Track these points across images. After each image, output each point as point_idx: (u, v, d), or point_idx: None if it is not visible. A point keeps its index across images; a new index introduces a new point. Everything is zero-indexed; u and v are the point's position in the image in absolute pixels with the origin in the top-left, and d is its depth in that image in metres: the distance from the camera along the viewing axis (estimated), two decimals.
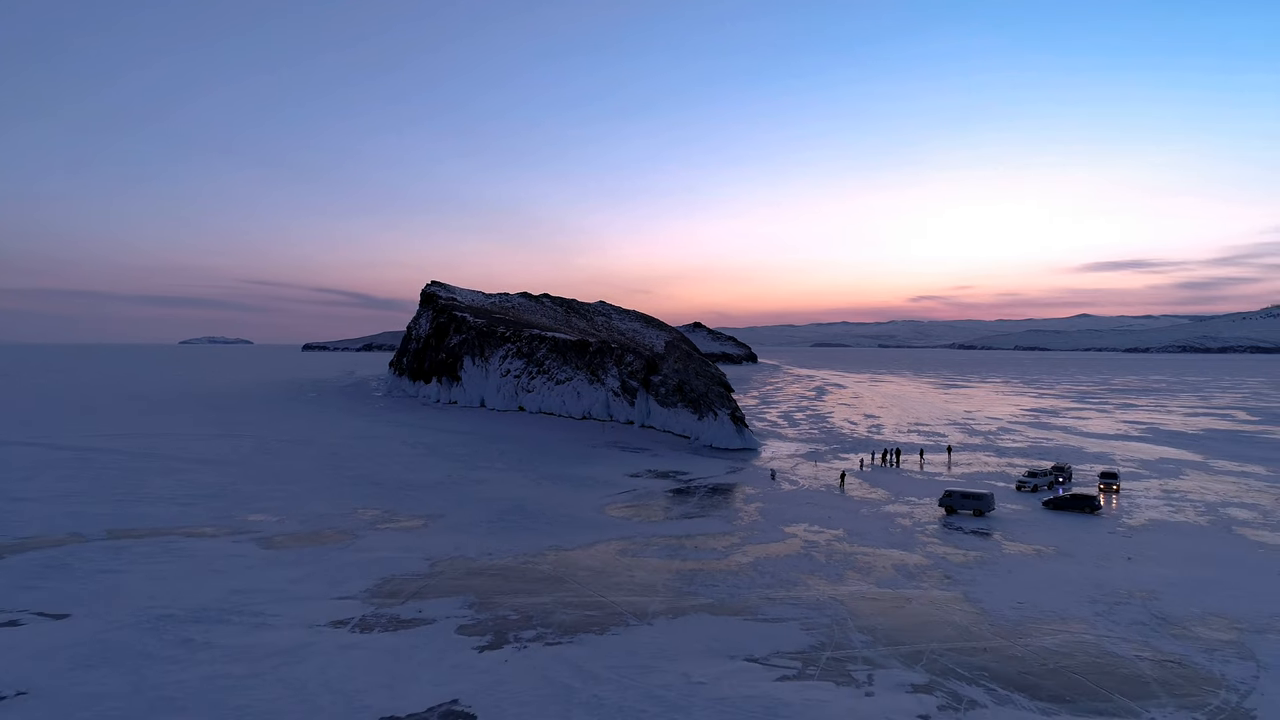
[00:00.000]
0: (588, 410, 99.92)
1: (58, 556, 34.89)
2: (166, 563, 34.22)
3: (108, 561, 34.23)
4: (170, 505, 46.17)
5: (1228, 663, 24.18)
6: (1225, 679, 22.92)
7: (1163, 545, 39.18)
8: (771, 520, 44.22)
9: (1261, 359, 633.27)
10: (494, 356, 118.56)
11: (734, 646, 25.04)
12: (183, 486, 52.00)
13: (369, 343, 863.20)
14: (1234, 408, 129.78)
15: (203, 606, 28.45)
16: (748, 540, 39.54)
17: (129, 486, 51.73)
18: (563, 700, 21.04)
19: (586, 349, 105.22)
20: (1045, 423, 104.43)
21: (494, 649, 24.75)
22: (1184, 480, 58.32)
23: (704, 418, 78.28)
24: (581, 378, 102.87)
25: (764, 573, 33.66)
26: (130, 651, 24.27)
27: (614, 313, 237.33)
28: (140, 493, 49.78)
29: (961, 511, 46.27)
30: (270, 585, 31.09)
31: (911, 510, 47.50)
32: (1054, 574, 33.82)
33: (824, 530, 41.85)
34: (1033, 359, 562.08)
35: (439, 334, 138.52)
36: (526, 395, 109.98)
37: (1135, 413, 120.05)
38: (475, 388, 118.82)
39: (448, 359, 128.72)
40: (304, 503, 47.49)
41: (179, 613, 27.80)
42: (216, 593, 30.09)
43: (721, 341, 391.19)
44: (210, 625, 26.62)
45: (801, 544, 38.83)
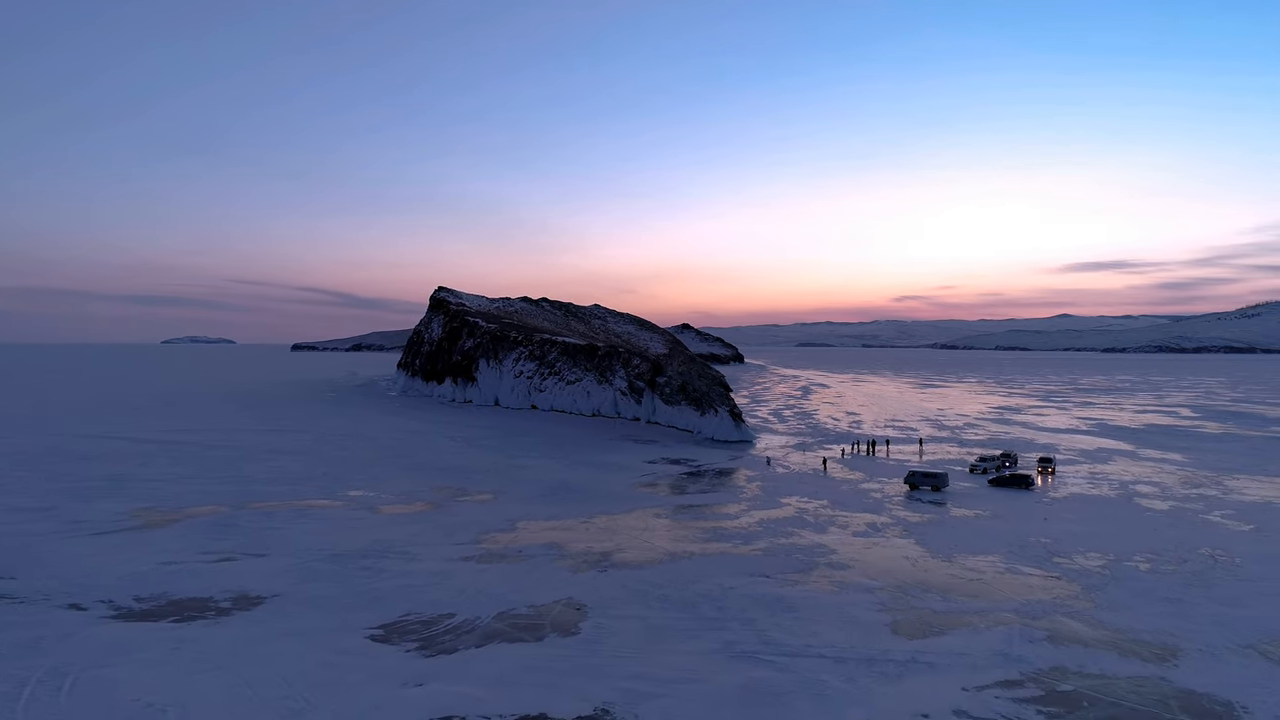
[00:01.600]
0: (597, 408, 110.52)
1: (223, 520, 45.15)
2: (310, 523, 44.60)
3: (264, 523, 44.54)
4: (280, 484, 56.37)
5: (1090, 576, 35.24)
6: (1086, 586, 33.95)
7: (1074, 510, 50.40)
8: (769, 494, 55.10)
9: (1232, 359, 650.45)
10: (507, 359, 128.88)
11: (751, 569, 35.86)
12: (278, 471, 62.13)
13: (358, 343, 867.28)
14: (1182, 405, 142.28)
15: (360, 550, 38.90)
16: (752, 508, 50.38)
17: (232, 471, 61.80)
18: (643, 597, 31.75)
19: (595, 353, 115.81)
20: (1008, 419, 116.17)
21: (583, 572, 35.42)
22: (1109, 465, 69.82)
23: (705, 414, 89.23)
24: (591, 379, 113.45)
25: (767, 528, 44.52)
26: (328, 573, 34.71)
27: (609, 316, 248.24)
28: (244, 476, 59.87)
29: (922, 487, 57.32)
30: (399, 537, 41.57)
31: (882, 487, 58.53)
32: (985, 528, 44.92)
33: (812, 501, 52.78)
34: (1011, 359, 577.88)
35: (451, 338, 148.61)
36: (539, 394, 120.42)
37: (1091, 410, 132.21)
38: (490, 388, 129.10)
39: (462, 361, 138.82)
40: (387, 483, 57.85)
41: (345, 553, 38.23)
42: (363, 541, 40.54)
43: (709, 342, 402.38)
44: (374, 559, 37.10)
45: (795, 510, 49.74)
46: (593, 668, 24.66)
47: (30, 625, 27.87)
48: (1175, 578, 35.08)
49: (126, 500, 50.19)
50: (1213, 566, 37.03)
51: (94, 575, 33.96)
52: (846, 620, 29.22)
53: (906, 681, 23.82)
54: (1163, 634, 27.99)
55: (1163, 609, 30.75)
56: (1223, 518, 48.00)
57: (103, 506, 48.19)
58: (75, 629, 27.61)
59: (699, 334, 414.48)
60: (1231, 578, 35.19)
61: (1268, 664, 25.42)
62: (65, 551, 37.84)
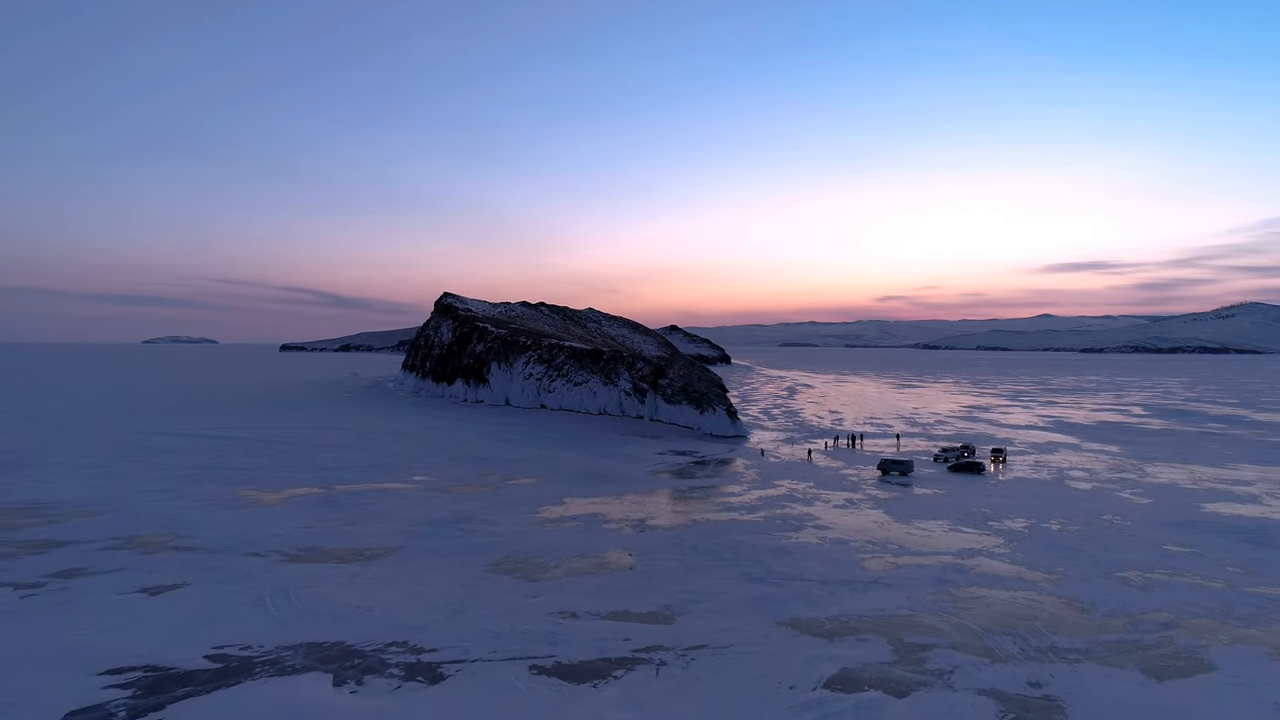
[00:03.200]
0: (603, 407, 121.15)
1: (323, 499, 55.39)
2: (396, 500, 54.95)
3: (359, 500, 54.83)
4: (350, 472, 66.59)
5: (1012, 534, 46.32)
6: (1008, 540, 45.03)
7: (1014, 489, 61.68)
8: (765, 478, 66.03)
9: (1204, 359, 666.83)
10: (517, 362, 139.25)
11: (756, 529, 46.73)
12: (342, 461, 72.28)
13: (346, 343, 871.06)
14: (1136, 405, 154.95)
15: (447, 518, 49.35)
16: (751, 488, 61.26)
17: (303, 461, 71.89)
18: (676, 548, 42.48)
19: (601, 357, 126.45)
20: (975, 417, 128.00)
21: (627, 533, 46.12)
22: (1053, 455, 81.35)
23: (704, 412, 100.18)
24: (597, 380, 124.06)
25: (765, 503, 55.40)
26: (432, 533, 45.15)
27: (604, 319, 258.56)
28: (316, 465, 69.98)
29: (892, 473, 68.43)
30: (473, 509, 52.03)
31: (859, 473, 69.59)
32: (940, 502, 56.06)
33: (800, 483, 63.73)
34: (989, 359, 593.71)
35: (461, 342, 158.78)
36: (548, 395, 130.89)
37: (1052, 409, 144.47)
38: (501, 389, 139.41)
39: (474, 364, 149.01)
40: (441, 470, 68.21)
41: (437, 520, 48.65)
42: (447, 512, 50.98)
43: (697, 344, 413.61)
44: (462, 524, 47.58)
45: (786, 490, 60.68)
46: (651, 587, 35.37)
47: (234, 566, 38.19)
48: (1076, 535, 46.34)
49: (229, 484, 60.24)
50: (1107, 527, 48.34)
51: (251, 536, 44.23)
52: (828, 560, 40.18)
53: (870, 594, 34.72)
54: (1054, 568, 39.11)
55: (1059, 554, 41.93)
56: (1130, 495, 59.48)
57: (213, 489, 58.26)
58: (269, 568, 37.97)
59: (686, 335, 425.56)
60: (1118, 535, 46.49)
61: (1120, 584, 36.56)
62: (214, 520, 48.03)
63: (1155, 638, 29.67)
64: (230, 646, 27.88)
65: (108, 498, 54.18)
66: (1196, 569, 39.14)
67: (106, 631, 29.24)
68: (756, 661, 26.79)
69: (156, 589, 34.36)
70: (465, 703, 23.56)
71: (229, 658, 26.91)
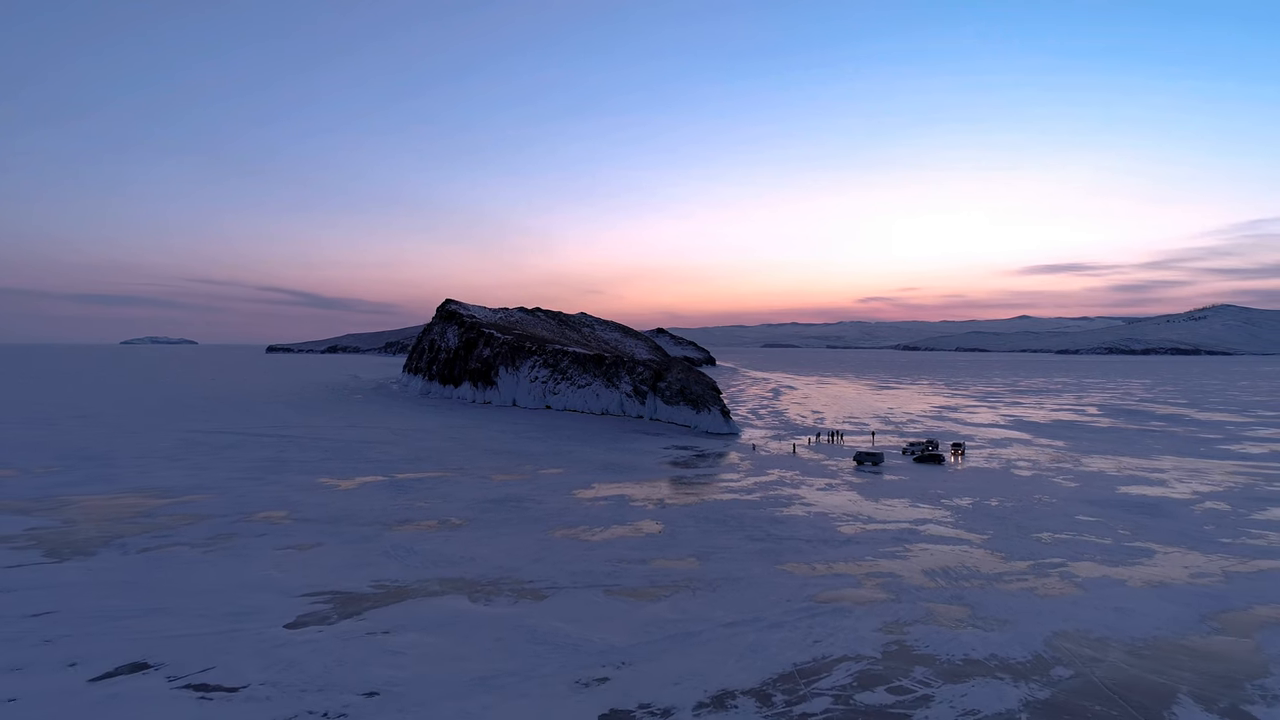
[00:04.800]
0: (605, 408, 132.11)
1: (390, 485, 65.94)
2: (451, 485, 65.63)
3: (421, 486, 65.43)
4: (401, 463, 77.07)
5: (959, 509, 57.92)
6: (954, 513, 56.55)
7: (967, 477, 73.39)
8: (758, 468, 77.35)
9: (1174, 360, 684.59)
10: (523, 366, 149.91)
11: (754, 506, 57.98)
12: (390, 454, 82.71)
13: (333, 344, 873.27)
14: (1093, 405, 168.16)
15: (501, 499, 60.14)
16: (747, 476, 72.54)
17: (357, 455, 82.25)
18: (693, 518, 53.63)
19: (603, 361, 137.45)
20: (944, 416, 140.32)
21: (651, 509, 57.20)
22: (1006, 449, 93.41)
23: (701, 411, 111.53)
24: (600, 383, 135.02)
25: (760, 486, 66.68)
26: (493, 509, 55.97)
27: (596, 324, 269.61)
28: (369, 458, 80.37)
29: (866, 463, 79.97)
30: (519, 493, 62.84)
31: (838, 464, 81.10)
32: (904, 486, 67.62)
33: (788, 472, 75.09)
34: (965, 361, 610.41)
35: (468, 347, 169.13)
36: (553, 396, 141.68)
37: (1015, 409, 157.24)
38: (509, 390, 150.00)
39: (481, 367, 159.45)
40: (479, 461, 78.86)
41: (494, 500, 59.46)
42: (500, 495, 61.78)
43: (683, 346, 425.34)
44: (515, 504, 58.38)
45: (777, 477, 72.04)
46: (678, 544, 46.48)
47: (352, 532, 48.85)
48: (1009, 509, 58.03)
49: (305, 474, 70.59)
50: (1035, 504, 60.09)
51: (350, 511, 54.82)
52: (812, 526, 51.55)
53: (844, 548, 46.03)
54: (985, 531, 50.67)
55: (992, 522, 53.55)
56: (1062, 480, 71.39)
57: (293, 478, 68.62)
58: (379, 533, 48.65)
59: (673, 338, 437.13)
60: (1042, 509, 58.23)
61: (1033, 541, 48.06)
62: (312, 500, 58.54)
63: (1047, 573, 41.24)
64: (383, 580, 38.69)
65: (209, 484, 64.48)
66: (1094, 532, 50.88)
67: (284, 572, 39.93)
68: (762, 587, 38.02)
69: (301, 546, 45.04)
70: (566, 609, 34.54)
71: (386, 586, 37.73)
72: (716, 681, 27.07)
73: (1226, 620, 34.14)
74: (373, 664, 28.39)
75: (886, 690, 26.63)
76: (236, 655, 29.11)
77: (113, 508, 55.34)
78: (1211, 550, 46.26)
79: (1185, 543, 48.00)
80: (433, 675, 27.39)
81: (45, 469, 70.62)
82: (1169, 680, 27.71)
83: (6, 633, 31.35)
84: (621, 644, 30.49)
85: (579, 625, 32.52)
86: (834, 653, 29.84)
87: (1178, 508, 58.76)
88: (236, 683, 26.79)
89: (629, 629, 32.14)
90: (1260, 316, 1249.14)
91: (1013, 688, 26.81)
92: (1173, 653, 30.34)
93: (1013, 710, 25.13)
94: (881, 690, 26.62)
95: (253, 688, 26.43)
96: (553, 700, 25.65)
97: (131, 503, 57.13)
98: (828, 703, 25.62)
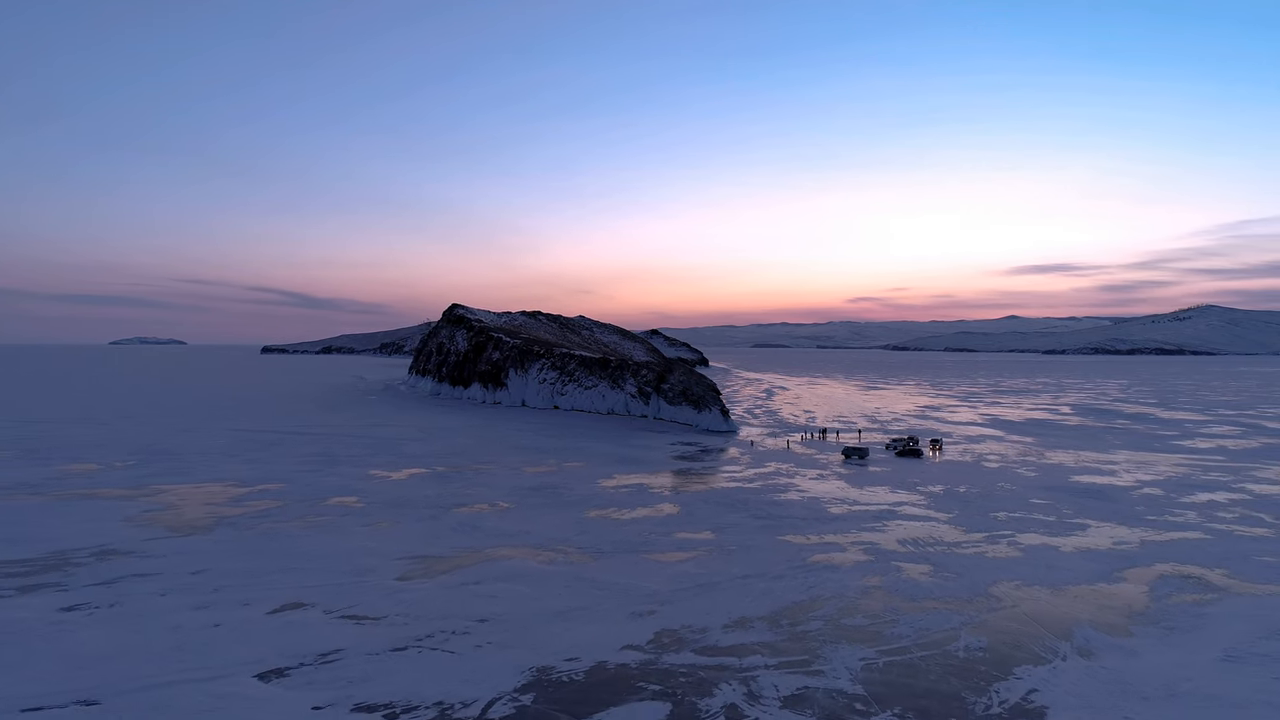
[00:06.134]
0: (611, 408, 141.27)
1: (437, 475, 74.85)
2: (490, 475, 74.57)
3: (463, 476, 74.33)
4: (438, 458, 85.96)
5: (933, 495, 67.36)
6: (928, 498, 66.00)
7: (942, 468, 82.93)
8: (757, 461, 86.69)
9: (1157, 360, 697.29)
10: (532, 368, 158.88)
11: (755, 492, 67.29)
12: (424, 450, 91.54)
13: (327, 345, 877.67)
14: (1067, 404, 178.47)
15: (538, 487, 69.20)
16: (748, 468, 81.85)
17: (393, 451, 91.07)
18: (705, 502, 62.92)
19: (608, 364, 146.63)
20: (927, 415, 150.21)
21: (668, 496, 66.43)
22: (980, 445, 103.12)
23: (702, 411, 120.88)
24: (605, 385, 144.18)
25: (759, 476, 75.98)
26: (533, 494, 64.99)
27: (595, 326, 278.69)
28: (406, 453, 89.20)
29: (852, 457, 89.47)
30: (553, 481, 71.87)
31: (828, 458, 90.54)
32: (886, 476, 77.07)
33: (783, 464, 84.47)
34: (953, 361, 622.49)
35: (477, 350, 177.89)
36: (560, 397, 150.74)
37: (994, 408, 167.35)
38: (518, 392, 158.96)
39: (490, 370, 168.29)
40: (505, 455, 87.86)
41: (532, 488, 68.49)
42: (536, 484, 70.79)
43: (677, 348, 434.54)
44: (551, 490, 67.44)
45: (774, 469, 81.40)
46: (694, 521, 55.67)
47: (419, 513, 57.81)
48: (974, 494, 67.57)
49: (357, 466, 79.36)
50: (998, 490, 69.62)
51: (409, 497, 63.72)
52: (806, 507, 60.93)
53: (832, 524, 55.36)
54: (951, 511, 60.15)
55: (958, 504, 63.04)
56: (1024, 471, 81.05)
57: (347, 469, 77.42)
58: (441, 513, 57.64)
59: (667, 339, 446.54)
60: (1003, 494, 67.78)
61: (990, 519, 57.56)
62: (373, 488, 67.40)
63: (997, 541, 50.70)
64: (460, 547, 47.76)
65: (276, 475, 73.25)
66: (1042, 511, 60.45)
67: (378, 542, 48.93)
68: (767, 552, 47.31)
69: (381, 524, 54.03)
70: (612, 567, 43.70)
71: (465, 551, 46.79)
72: (737, 612, 36.31)
73: (1131, 574, 43.67)
74: (475, 602, 37.49)
75: (863, 617, 35.94)
76: (368, 598, 38.13)
77: (203, 495, 64.11)
78: (1136, 525, 55.91)
79: (1116, 519, 57.63)
80: (524, 609, 36.53)
81: (124, 464, 79.12)
82: (1076, 611, 37.14)
83: (179, 584, 40.23)
84: (661, 590, 39.68)
85: (625, 577, 41.73)
86: (824, 595, 39.15)
87: (1119, 493, 68.42)
88: (377, 614, 35.82)
89: (665, 580, 41.37)
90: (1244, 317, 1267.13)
91: (957, 615, 36.19)
92: (1084, 594, 39.80)
93: (954, 628, 34.48)
94: (860, 617, 35.92)
95: (390, 618, 35.46)
96: (616, 624, 34.79)
97: (217, 490, 65.89)
98: (820, 625, 34.89)
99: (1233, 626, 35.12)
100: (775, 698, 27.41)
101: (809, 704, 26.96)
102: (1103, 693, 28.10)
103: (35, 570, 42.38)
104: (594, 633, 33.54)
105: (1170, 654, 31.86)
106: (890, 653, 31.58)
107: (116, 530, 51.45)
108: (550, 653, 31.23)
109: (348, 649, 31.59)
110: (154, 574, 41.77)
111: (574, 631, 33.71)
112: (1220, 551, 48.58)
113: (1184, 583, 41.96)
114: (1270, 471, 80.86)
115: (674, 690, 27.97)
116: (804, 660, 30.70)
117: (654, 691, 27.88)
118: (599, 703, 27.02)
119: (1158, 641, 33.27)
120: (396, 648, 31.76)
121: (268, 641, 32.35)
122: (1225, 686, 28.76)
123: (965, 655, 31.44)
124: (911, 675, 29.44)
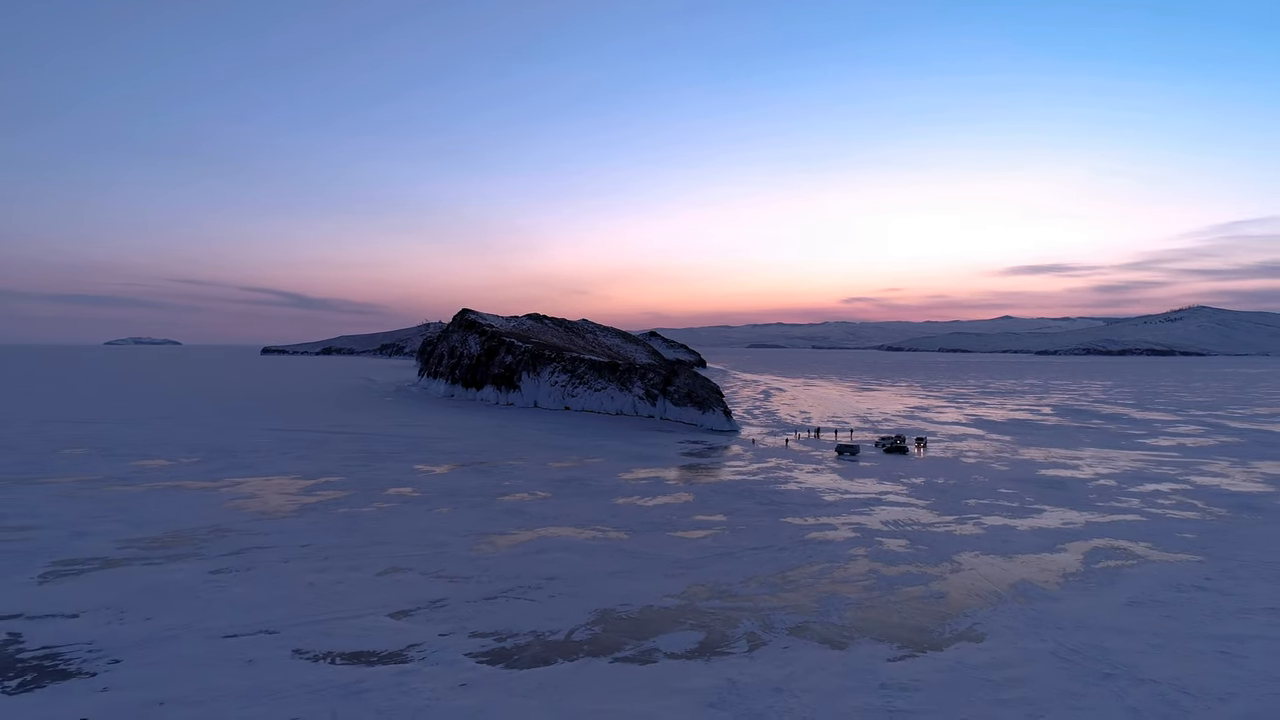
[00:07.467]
0: (619, 409, 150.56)
1: (474, 469, 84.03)
2: (522, 468, 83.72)
3: (495, 470, 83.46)
4: (467, 454, 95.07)
5: (915, 486, 76.93)
6: (909, 489, 75.38)
7: (925, 463, 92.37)
8: (758, 457, 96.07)
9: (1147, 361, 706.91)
10: (544, 371, 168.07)
11: (759, 484, 76.67)
12: (455, 448, 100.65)
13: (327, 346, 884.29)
14: (1049, 405, 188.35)
15: (565, 480, 78.37)
16: (751, 463, 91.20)
17: (427, 449, 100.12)
18: (716, 492, 72.26)
19: (617, 368, 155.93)
20: (915, 415, 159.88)
21: (682, 486, 75.73)
22: (961, 443, 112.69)
23: (706, 412, 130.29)
24: (614, 387, 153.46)
25: (761, 470, 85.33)
26: (565, 484, 74.18)
27: (598, 330, 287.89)
28: (440, 451, 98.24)
29: (845, 454, 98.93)
30: (580, 475, 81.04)
31: (822, 454, 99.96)
32: (875, 470, 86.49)
33: (783, 460, 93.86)
34: (946, 362, 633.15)
35: (489, 354, 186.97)
36: (571, 398, 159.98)
37: (979, 409, 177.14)
38: (530, 393, 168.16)
39: (503, 373, 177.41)
40: (530, 453, 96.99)
41: (562, 480, 77.68)
42: (563, 478, 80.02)
43: (675, 349, 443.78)
44: (579, 483, 76.65)
45: (774, 464, 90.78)
46: (708, 506, 64.99)
47: (472, 500, 67.01)
48: (951, 485, 77.02)
49: (400, 462, 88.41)
50: (972, 483, 79.11)
51: (458, 488, 72.82)
52: (804, 496, 70.31)
53: (826, 509, 64.74)
54: (929, 499, 69.57)
55: (935, 494, 72.49)
56: (998, 465, 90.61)
57: (393, 464, 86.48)
58: (489, 501, 66.80)
59: (665, 341, 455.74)
60: (976, 486, 77.27)
61: (963, 505, 67.02)
62: (421, 480, 76.43)
63: (965, 522, 60.14)
64: (515, 526, 57.01)
65: (330, 470, 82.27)
66: (1007, 499, 69.94)
67: (445, 524, 58.08)
68: (773, 530, 56.68)
69: (441, 510, 63.22)
70: (644, 541, 52.97)
71: (521, 530, 56.03)
72: (750, 573, 45.66)
73: (1071, 546, 53.16)
74: (540, 566, 46.76)
75: (851, 576, 45.33)
76: (452, 565, 47.31)
77: (276, 486, 73.14)
78: (1085, 510, 65.45)
79: (1070, 505, 67.17)
80: (582, 571, 45.81)
81: (190, 461, 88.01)
82: (1020, 572, 46.58)
83: (290, 554, 49.31)
84: (686, 558, 48.99)
85: (656, 548, 51.06)
86: (820, 561, 48.54)
87: (1077, 484, 77.99)
88: (466, 575, 45.04)
89: (689, 550, 50.69)
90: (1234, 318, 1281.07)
91: (926, 575, 45.61)
92: (1029, 560, 49.27)
93: (923, 584, 43.90)
94: (848, 576, 45.31)
95: (476, 578, 44.68)
96: (656, 581, 44.07)
97: (285, 483, 74.91)
98: (816, 580, 44.27)
99: (1141, 583, 44.63)
100: (784, 628, 36.72)
101: (809, 632, 36.28)
102: (1029, 625, 37.51)
103: (170, 544, 51.45)
104: (640, 587, 42.83)
105: (1086, 600, 41.33)
106: (871, 599, 40.98)
107: (220, 514, 60.52)
108: (609, 599, 40.53)
109: (450, 598, 40.81)
110: (270, 547, 50.89)
111: (624, 586, 42.99)
112: (1149, 530, 58.16)
113: (1112, 552, 51.48)
114: (1216, 466, 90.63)
115: (707, 624, 37.28)
116: (805, 605, 40.08)
117: (691, 624, 37.19)
118: (652, 631, 36.31)
119: (1078, 592, 42.75)
120: (488, 597, 40.99)
121: (386, 593, 41.56)
122: (1122, 621, 38.19)
123: (929, 601, 40.85)
124: (886, 614, 38.83)
